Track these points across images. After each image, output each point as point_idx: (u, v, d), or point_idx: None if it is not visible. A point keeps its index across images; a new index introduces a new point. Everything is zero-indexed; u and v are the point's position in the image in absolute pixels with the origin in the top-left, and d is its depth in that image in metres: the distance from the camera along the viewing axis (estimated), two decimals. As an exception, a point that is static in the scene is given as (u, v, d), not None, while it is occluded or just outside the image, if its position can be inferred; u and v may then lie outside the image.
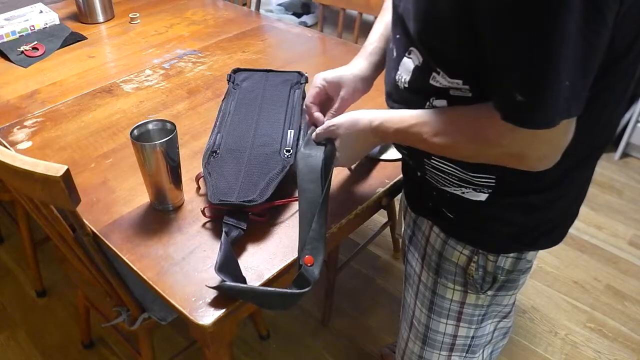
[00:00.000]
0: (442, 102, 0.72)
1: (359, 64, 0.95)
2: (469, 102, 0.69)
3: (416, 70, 0.74)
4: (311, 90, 0.94)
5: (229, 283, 0.79)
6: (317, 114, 0.93)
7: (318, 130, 0.89)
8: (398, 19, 0.77)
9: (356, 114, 0.85)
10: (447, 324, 0.95)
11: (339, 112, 0.92)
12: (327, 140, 0.88)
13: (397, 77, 0.79)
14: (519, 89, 0.59)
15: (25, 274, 1.84)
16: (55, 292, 1.79)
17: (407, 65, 0.76)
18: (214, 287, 0.81)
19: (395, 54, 0.80)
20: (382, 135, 0.82)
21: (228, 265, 0.82)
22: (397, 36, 0.78)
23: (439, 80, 0.70)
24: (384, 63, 0.94)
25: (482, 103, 0.67)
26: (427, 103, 0.74)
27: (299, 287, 0.79)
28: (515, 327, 1.66)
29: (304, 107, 0.96)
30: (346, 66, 0.95)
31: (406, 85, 0.77)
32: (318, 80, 0.94)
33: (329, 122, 0.88)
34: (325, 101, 0.95)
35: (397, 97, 0.81)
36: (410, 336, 1.03)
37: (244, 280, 0.83)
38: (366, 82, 0.94)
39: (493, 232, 0.82)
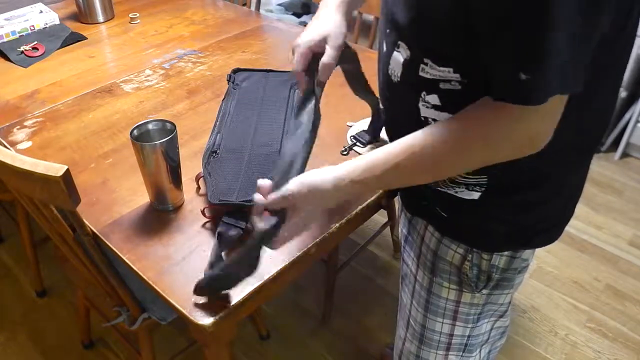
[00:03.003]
0: (433, 97, 0.73)
1: (329, 14, 0.90)
2: (458, 96, 0.69)
3: (406, 64, 0.75)
4: (297, 58, 0.88)
5: (200, 279, 0.78)
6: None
7: (271, 197, 0.74)
8: (388, 13, 0.78)
9: (310, 178, 0.74)
10: (443, 323, 0.95)
11: (335, 56, 0.87)
12: (280, 212, 0.75)
13: (390, 72, 0.80)
14: (522, 68, 0.59)
15: (25, 274, 1.84)
16: (55, 292, 1.79)
17: (398, 59, 0.76)
18: (197, 293, 0.80)
19: (385, 48, 0.81)
20: (359, 188, 0.73)
21: (213, 266, 0.82)
22: (387, 30, 0.79)
23: (428, 71, 0.71)
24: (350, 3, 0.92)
25: (474, 103, 0.67)
26: (420, 99, 0.75)
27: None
28: (515, 327, 1.66)
29: (295, 75, 0.90)
30: (317, 21, 0.90)
31: (398, 79, 0.78)
32: (302, 47, 0.88)
33: (281, 191, 0.74)
34: (311, 62, 0.89)
35: (390, 94, 0.82)
36: (407, 335, 1.03)
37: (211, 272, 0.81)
38: (345, 20, 0.90)
39: (486, 231, 0.82)
